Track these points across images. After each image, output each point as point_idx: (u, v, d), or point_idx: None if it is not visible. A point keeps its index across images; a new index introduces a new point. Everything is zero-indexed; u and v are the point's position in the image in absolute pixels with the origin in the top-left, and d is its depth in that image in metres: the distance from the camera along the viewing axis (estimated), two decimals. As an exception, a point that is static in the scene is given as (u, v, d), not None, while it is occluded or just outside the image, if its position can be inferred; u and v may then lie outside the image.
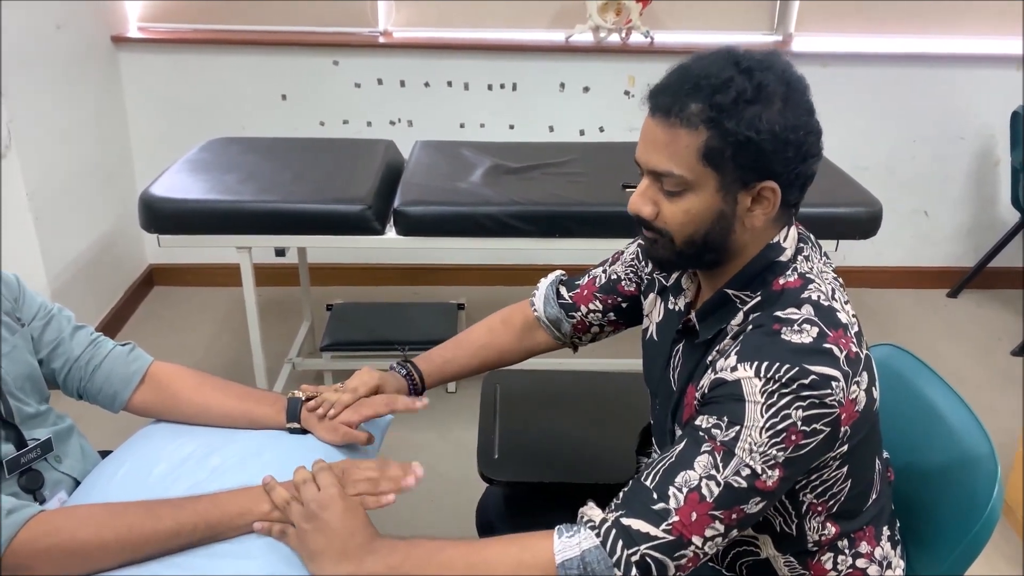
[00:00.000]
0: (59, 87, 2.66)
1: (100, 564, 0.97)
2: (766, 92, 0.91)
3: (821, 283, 0.98)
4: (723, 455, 0.90)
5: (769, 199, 0.95)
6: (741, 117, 0.90)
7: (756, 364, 0.91)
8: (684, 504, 0.89)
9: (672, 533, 0.89)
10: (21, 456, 1.11)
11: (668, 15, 3.14)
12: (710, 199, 0.95)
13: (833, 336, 0.92)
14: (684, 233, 0.98)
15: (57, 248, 2.65)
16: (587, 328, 1.35)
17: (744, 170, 0.93)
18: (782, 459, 0.90)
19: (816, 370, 0.89)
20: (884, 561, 1.10)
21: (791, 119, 0.91)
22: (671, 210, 0.97)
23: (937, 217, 3.43)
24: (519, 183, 2.28)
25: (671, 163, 0.94)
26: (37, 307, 1.23)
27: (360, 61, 3.08)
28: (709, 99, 0.91)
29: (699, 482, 0.90)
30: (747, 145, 0.91)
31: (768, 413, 0.89)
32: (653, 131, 0.96)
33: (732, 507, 0.90)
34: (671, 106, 0.93)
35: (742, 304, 1.01)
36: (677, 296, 1.16)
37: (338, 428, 1.21)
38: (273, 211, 2.12)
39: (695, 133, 0.92)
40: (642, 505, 0.90)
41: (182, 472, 1.11)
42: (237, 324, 3.05)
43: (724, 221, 0.97)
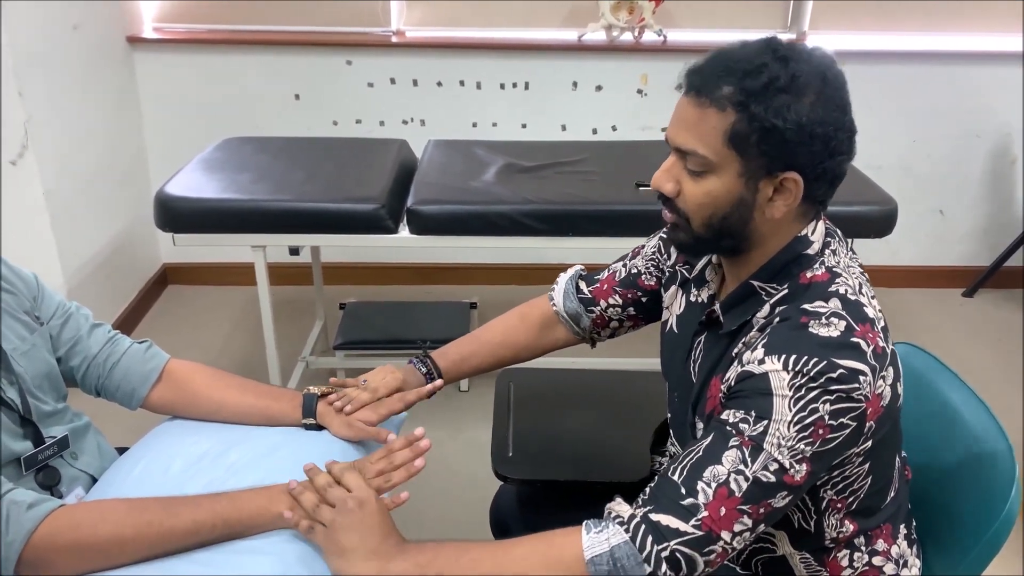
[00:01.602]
0: (75, 87, 2.68)
1: (118, 559, 0.97)
2: (799, 83, 0.91)
3: (848, 277, 0.98)
4: (751, 450, 0.89)
5: (791, 190, 0.95)
6: (769, 104, 0.90)
7: (784, 357, 0.91)
8: (713, 499, 0.89)
9: (701, 528, 0.89)
10: (38, 453, 1.12)
11: (681, 14, 3.13)
12: (731, 183, 0.95)
13: (860, 330, 0.92)
14: (702, 215, 0.98)
15: (73, 247, 2.67)
16: (606, 323, 1.34)
17: (768, 158, 0.93)
18: (809, 453, 0.90)
19: (844, 364, 0.89)
20: (900, 559, 1.10)
21: (821, 113, 0.91)
22: (692, 190, 0.98)
23: (953, 216, 3.41)
24: (532, 182, 2.28)
25: (697, 142, 0.95)
26: (55, 306, 1.24)
27: (373, 61, 3.08)
28: (740, 82, 0.91)
29: (727, 477, 0.89)
30: (772, 132, 0.91)
31: (796, 407, 0.89)
32: (683, 109, 0.97)
33: (760, 501, 0.90)
34: (702, 86, 0.94)
35: (768, 296, 1.00)
36: (700, 288, 1.15)
37: (354, 424, 1.22)
38: (287, 210, 2.13)
39: (723, 115, 0.92)
40: (670, 500, 0.90)
41: (199, 469, 1.12)
42: (251, 323, 3.06)
43: (743, 208, 0.96)
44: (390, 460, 1.11)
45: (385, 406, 1.25)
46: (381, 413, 1.24)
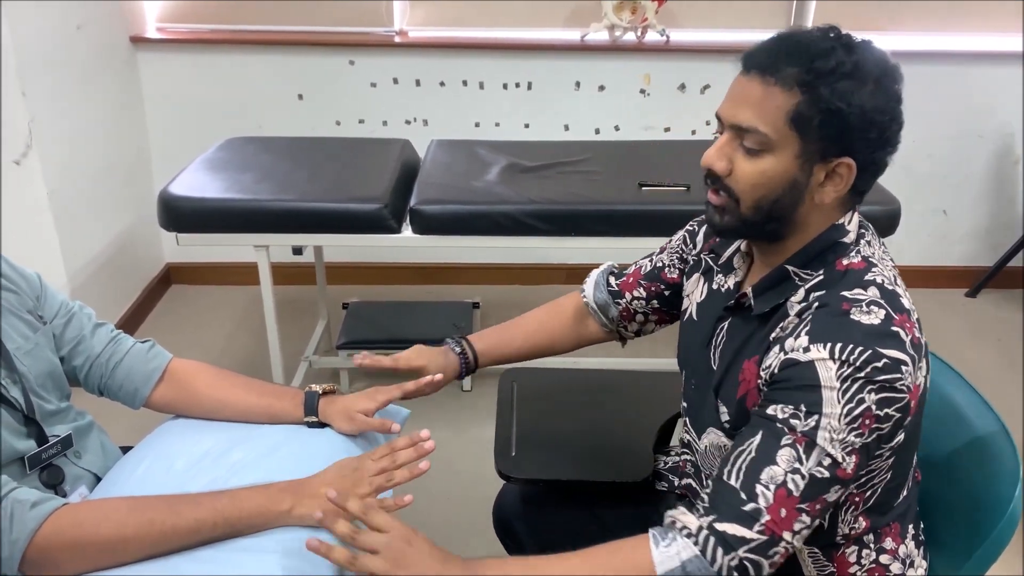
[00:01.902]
0: (79, 87, 2.69)
1: (121, 558, 0.98)
2: (862, 70, 0.92)
3: (883, 268, 0.99)
4: (805, 446, 0.90)
5: (843, 177, 0.96)
6: (835, 87, 0.91)
7: (830, 345, 0.91)
8: (773, 502, 0.90)
9: (765, 533, 0.90)
10: (42, 452, 1.13)
11: (684, 14, 3.13)
12: (787, 164, 0.96)
13: (899, 319, 0.93)
14: (754, 195, 0.98)
15: (76, 246, 2.68)
16: (632, 316, 1.36)
17: (827, 142, 0.94)
18: (859, 445, 0.91)
19: (888, 353, 0.90)
20: (907, 559, 1.10)
21: (881, 102, 0.93)
22: (746, 169, 0.97)
23: (955, 216, 3.40)
24: (535, 182, 2.28)
25: (758, 120, 0.95)
26: (58, 305, 1.24)
27: (376, 61, 3.09)
28: (809, 64, 0.92)
29: (784, 477, 0.90)
30: (836, 116, 0.92)
31: (844, 398, 0.90)
32: (745, 87, 0.96)
33: (817, 498, 0.91)
34: (769, 65, 0.94)
35: (802, 281, 1.01)
36: (727, 275, 1.16)
37: (355, 418, 1.22)
38: (290, 210, 2.13)
39: (788, 94, 0.93)
40: (732, 508, 0.91)
41: (202, 467, 1.12)
42: (253, 322, 3.06)
43: (795, 191, 0.97)
44: (393, 458, 1.11)
45: (384, 392, 1.25)
46: (379, 399, 1.24)
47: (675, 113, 3.18)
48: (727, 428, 1.09)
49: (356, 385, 2.74)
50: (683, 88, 3.14)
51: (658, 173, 2.30)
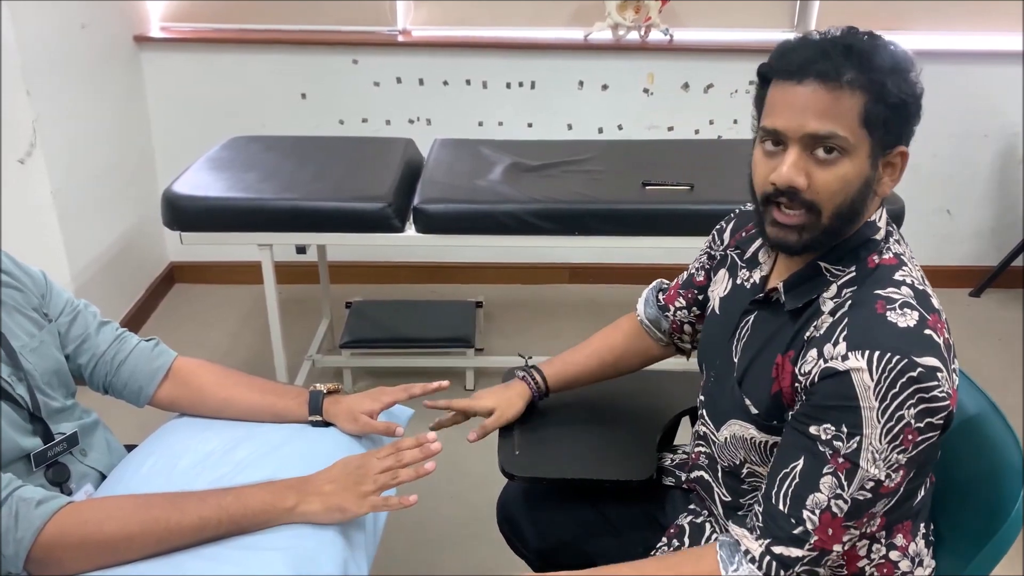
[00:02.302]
0: (83, 86, 2.69)
1: (126, 555, 0.98)
2: (900, 61, 0.95)
3: (912, 268, 1.01)
4: (847, 472, 0.94)
5: (896, 166, 0.99)
6: (894, 81, 0.94)
7: (868, 354, 0.91)
8: (819, 524, 0.96)
9: (815, 549, 0.96)
10: (48, 450, 1.13)
11: (687, 13, 3.13)
12: (862, 164, 0.97)
13: (932, 320, 0.94)
14: (835, 202, 0.97)
15: (80, 245, 2.68)
16: (680, 327, 1.38)
17: (891, 135, 0.97)
18: (904, 460, 0.93)
19: (922, 362, 0.90)
20: (916, 557, 1.10)
21: (919, 89, 0.96)
22: (824, 178, 0.96)
23: (960, 216, 3.40)
24: (539, 181, 2.28)
25: (835, 125, 0.94)
26: (64, 303, 1.24)
27: (379, 60, 3.09)
28: (866, 64, 0.93)
29: (828, 503, 0.95)
30: (902, 108, 0.95)
31: (884, 418, 0.91)
32: (808, 98, 0.95)
33: (862, 515, 0.96)
34: (830, 70, 0.94)
35: (834, 277, 1.02)
36: (752, 269, 1.16)
37: (360, 419, 1.23)
38: (294, 209, 2.13)
39: (855, 96, 0.94)
40: (784, 532, 0.97)
41: (207, 465, 1.12)
42: (257, 321, 3.07)
43: (867, 188, 0.99)
44: (398, 458, 1.11)
45: (388, 394, 1.27)
46: (384, 401, 1.26)
47: (678, 112, 3.17)
48: (757, 419, 1.09)
49: (359, 384, 2.75)
50: (686, 87, 3.14)
51: (662, 172, 2.30)
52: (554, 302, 3.24)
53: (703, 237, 1.32)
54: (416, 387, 1.29)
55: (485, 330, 2.98)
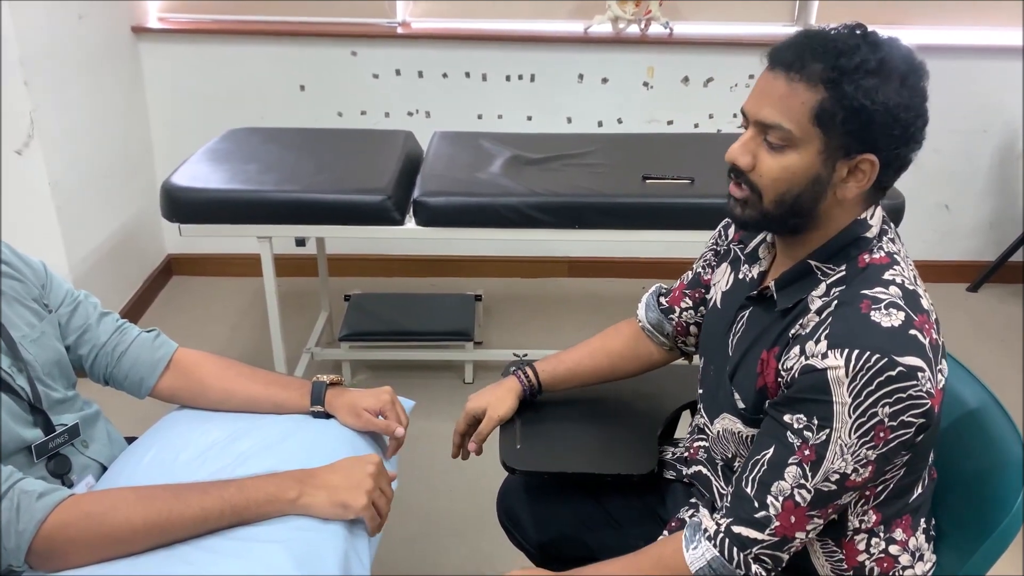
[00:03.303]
0: (81, 78, 2.68)
1: (129, 548, 0.97)
2: (888, 67, 0.92)
3: (905, 267, 1.00)
4: (811, 465, 0.95)
5: (865, 173, 0.97)
6: (859, 84, 0.91)
7: (847, 352, 0.91)
8: (782, 511, 0.97)
9: (776, 534, 0.98)
10: (49, 441, 1.12)
11: (687, 6, 3.12)
12: (810, 160, 0.96)
13: (918, 321, 0.93)
14: (776, 190, 0.99)
15: (78, 237, 2.67)
16: (686, 329, 1.36)
17: (850, 138, 0.94)
18: (873, 457, 0.93)
19: (903, 361, 0.90)
20: (917, 552, 1.10)
21: (906, 98, 0.93)
22: (769, 164, 0.98)
23: (959, 211, 3.40)
24: (539, 174, 2.28)
25: (782, 116, 0.95)
26: (64, 293, 1.24)
27: (378, 52, 3.08)
28: (833, 61, 0.92)
29: (791, 491, 0.96)
30: (859, 113, 0.92)
31: (856, 414, 0.91)
32: (770, 84, 0.97)
33: (826, 505, 0.97)
34: (794, 61, 0.95)
35: (824, 276, 1.02)
36: (752, 264, 1.16)
37: (361, 415, 1.23)
38: (294, 201, 2.13)
39: (812, 91, 0.93)
40: (746, 514, 0.99)
41: (208, 457, 1.12)
42: (255, 314, 3.06)
43: (817, 186, 0.98)
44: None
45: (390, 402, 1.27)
46: (384, 400, 1.26)
47: (678, 106, 3.17)
48: (743, 414, 1.10)
49: (358, 377, 2.74)
50: (686, 81, 3.13)
51: (662, 166, 2.30)
52: (553, 296, 3.24)
53: (703, 231, 1.32)
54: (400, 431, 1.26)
55: (484, 323, 2.98)
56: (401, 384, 1.30)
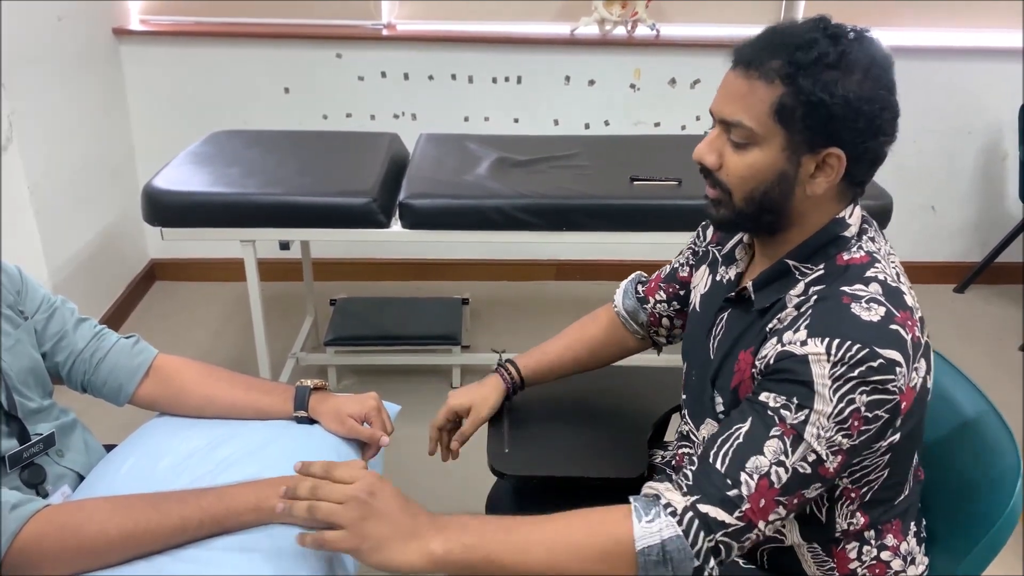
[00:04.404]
0: (61, 80, 2.64)
1: (105, 559, 0.95)
2: (848, 60, 0.91)
3: (886, 265, 0.98)
4: (792, 440, 0.90)
5: (833, 167, 0.95)
6: (818, 78, 0.91)
7: (827, 340, 0.90)
8: (755, 491, 0.90)
9: (743, 520, 0.91)
10: (23, 451, 1.10)
11: (674, 8, 3.12)
12: (774, 156, 0.95)
13: (900, 317, 0.92)
14: (744, 188, 0.98)
15: (58, 242, 2.63)
16: (658, 320, 1.37)
17: (812, 133, 0.93)
18: (846, 446, 0.91)
19: (884, 354, 0.89)
20: (908, 556, 1.09)
21: (868, 91, 0.92)
22: (735, 162, 0.98)
23: (944, 212, 3.41)
24: (526, 176, 2.26)
25: (743, 114, 0.95)
26: (40, 299, 1.21)
27: (363, 54, 3.05)
28: (790, 56, 0.92)
29: (769, 468, 0.91)
30: (819, 107, 0.91)
31: (836, 397, 0.89)
32: (731, 82, 0.97)
33: (796, 492, 0.92)
34: (752, 58, 0.94)
35: (802, 276, 1.00)
36: (729, 266, 1.16)
37: (346, 421, 1.21)
38: (277, 204, 2.10)
39: (771, 87, 0.93)
40: (717, 491, 0.91)
41: (188, 465, 1.09)
42: (240, 319, 3.03)
43: (785, 182, 0.97)
44: None
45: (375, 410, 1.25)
46: (370, 407, 1.24)
47: (665, 108, 3.16)
48: (721, 418, 1.08)
49: (344, 382, 2.72)
50: (673, 83, 3.13)
51: (649, 168, 2.29)
52: (541, 299, 3.23)
53: (691, 232, 1.32)
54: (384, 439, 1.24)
55: (471, 327, 2.96)
56: (387, 389, 1.29)
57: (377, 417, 1.24)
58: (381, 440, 1.22)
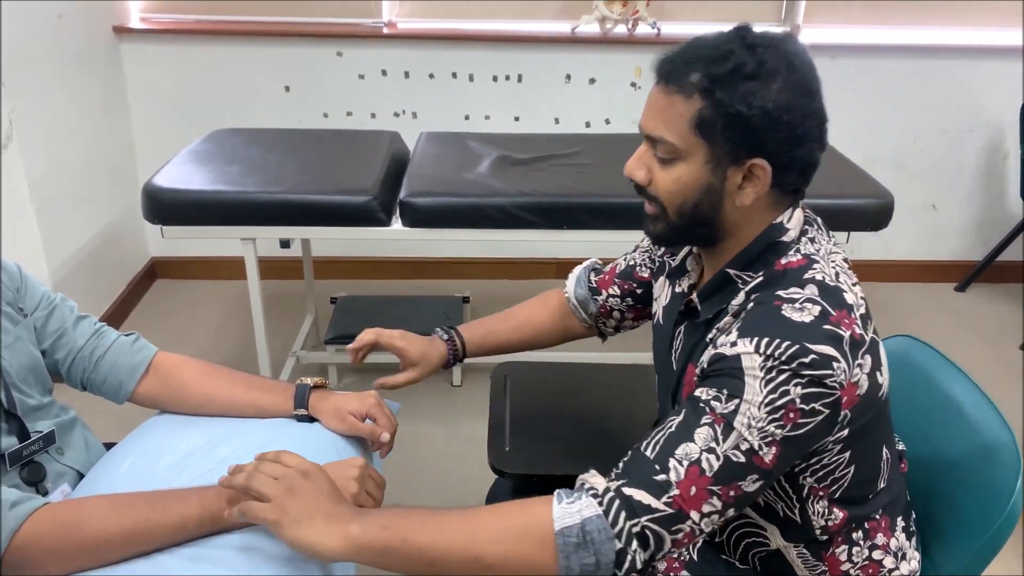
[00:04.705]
0: (61, 78, 2.64)
1: (105, 557, 0.95)
2: (765, 69, 0.91)
3: (826, 264, 0.97)
4: (723, 428, 0.89)
5: (759, 178, 0.95)
6: (735, 90, 0.90)
7: (756, 340, 0.90)
8: (684, 477, 0.88)
9: (672, 506, 0.88)
10: (23, 448, 1.10)
11: (675, 6, 3.11)
12: (699, 170, 0.96)
13: (836, 316, 0.91)
14: (673, 203, 0.99)
15: (59, 241, 2.63)
16: (609, 313, 1.37)
17: (734, 144, 0.93)
18: (780, 437, 0.89)
19: (816, 349, 0.88)
20: (899, 552, 1.09)
21: (787, 100, 0.91)
22: (662, 177, 0.99)
23: (946, 211, 3.41)
24: (527, 174, 2.26)
25: (664, 129, 0.96)
26: (39, 297, 1.21)
27: (364, 52, 3.05)
28: (706, 69, 0.92)
29: (699, 455, 0.89)
30: (737, 119, 0.91)
31: (767, 388, 0.88)
32: (654, 98, 0.98)
33: (730, 483, 0.89)
34: (671, 73, 0.95)
35: (743, 284, 1.00)
36: (681, 278, 1.16)
37: (346, 418, 1.21)
38: (278, 202, 2.09)
39: (689, 101, 0.93)
40: (644, 475, 0.89)
41: (188, 464, 1.09)
42: (240, 317, 3.03)
43: (713, 195, 0.97)
44: None
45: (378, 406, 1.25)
46: (371, 404, 1.24)
47: (666, 107, 3.16)
48: None
49: (344, 380, 2.72)
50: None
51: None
52: (541, 297, 3.22)
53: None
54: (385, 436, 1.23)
55: (472, 326, 2.95)
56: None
57: (380, 412, 1.23)
58: (382, 437, 1.22)
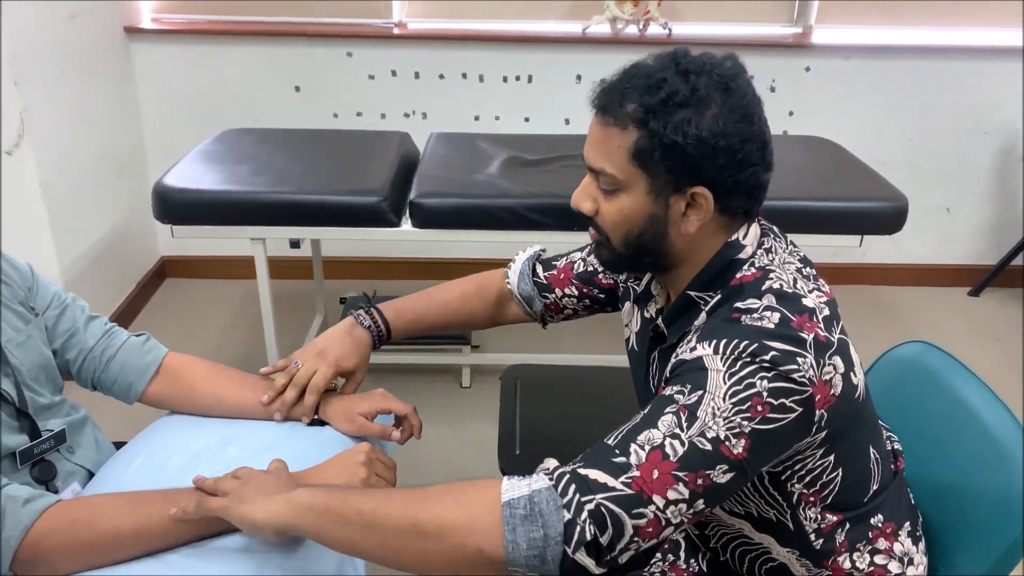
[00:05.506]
0: (72, 78, 2.65)
1: (116, 555, 0.95)
2: (699, 96, 0.90)
3: (782, 272, 0.97)
4: (687, 416, 0.87)
5: (702, 205, 0.94)
6: (669, 120, 0.90)
7: (715, 342, 0.89)
8: (645, 461, 0.85)
9: (632, 487, 0.84)
10: (34, 447, 1.10)
11: (686, 7, 3.10)
12: (641, 200, 0.95)
13: (797, 321, 0.90)
14: (619, 233, 0.99)
15: (70, 239, 2.64)
16: (560, 310, 1.36)
17: (674, 174, 0.92)
18: (748, 429, 0.86)
19: (776, 346, 0.87)
20: (905, 557, 1.07)
21: (723, 126, 0.90)
22: (605, 208, 0.99)
23: (959, 214, 3.38)
24: (537, 175, 2.25)
25: (604, 161, 0.95)
26: (51, 296, 1.21)
27: (374, 53, 3.05)
28: (640, 99, 0.91)
29: (662, 440, 0.86)
30: (673, 148, 0.90)
31: (731, 380, 0.87)
32: (593, 129, 0.97)
33: (697, 470, 0.85)
34: (607, 105, 0.94)
35: (704, 304, 1.00)
36: (648, 303, 1.15)
37: (356, 419, 1.20)
38: (288, 202, 2.10)
39: (625, 133, 0.92)
40: (602, 458, 0.87)
41: (198, 464, 1.09)
42: (250, 317, 3.03)
43: (657, 224, 0.96)
44: None
45: (389, 401, 1.24)
46: (380, 405, 1.23)
47: (677, 108, 3.14)
48: None
49: (353, 381, 2.71)
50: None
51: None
52: (550, 299, 3.21)
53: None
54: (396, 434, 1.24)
55: (481, 327, 2.95)
56: (397, 388, 1.28)
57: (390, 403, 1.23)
58: (393, 435, 1.22)
